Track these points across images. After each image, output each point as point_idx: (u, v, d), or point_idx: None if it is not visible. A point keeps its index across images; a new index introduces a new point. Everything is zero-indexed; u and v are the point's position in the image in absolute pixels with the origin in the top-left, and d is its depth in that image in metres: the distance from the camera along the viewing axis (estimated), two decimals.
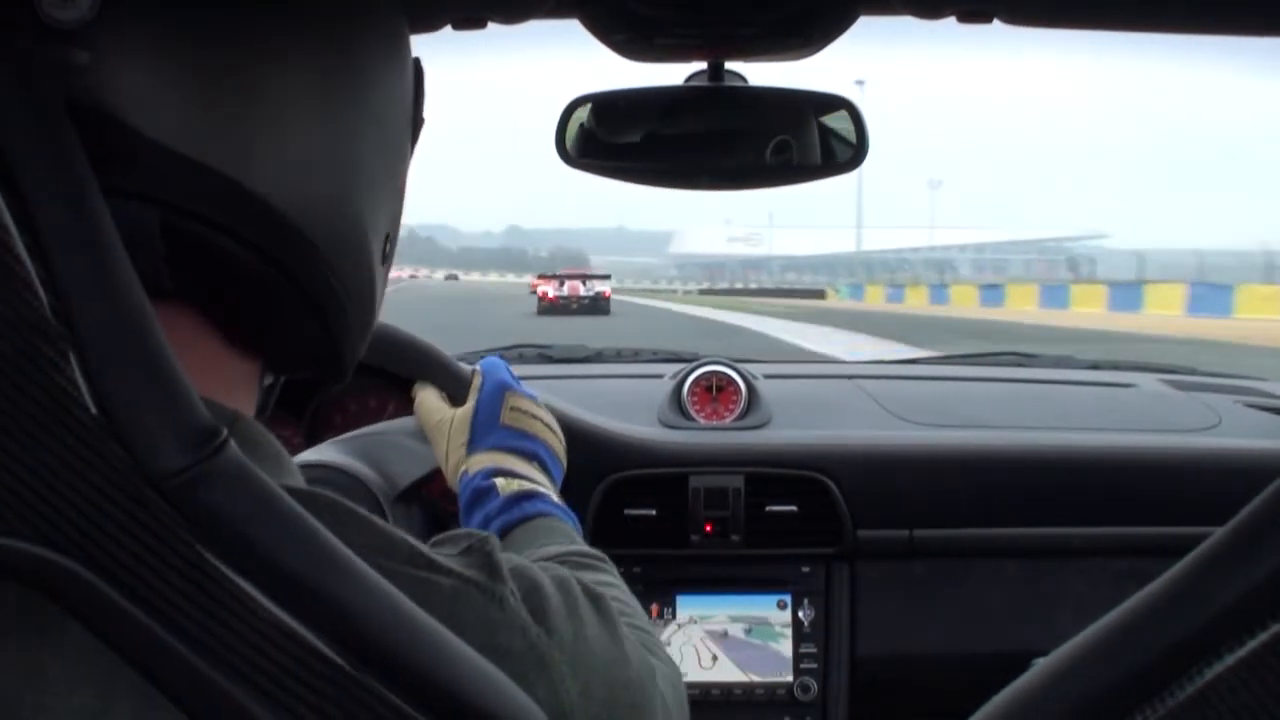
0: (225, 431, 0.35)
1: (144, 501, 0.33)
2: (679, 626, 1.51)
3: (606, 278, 29.13)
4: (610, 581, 0.67)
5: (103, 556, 0.33)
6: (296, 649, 0.34)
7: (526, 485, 0.80)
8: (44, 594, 0.33)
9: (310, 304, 0.46)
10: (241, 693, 0.33)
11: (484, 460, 0.85)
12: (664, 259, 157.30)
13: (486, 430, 0.88)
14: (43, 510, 0.32)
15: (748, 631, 1.51)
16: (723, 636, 1.50)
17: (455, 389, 1.12)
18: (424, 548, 0.44)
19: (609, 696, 0.49)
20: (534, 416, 0.90)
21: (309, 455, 1.01)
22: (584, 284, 26.72)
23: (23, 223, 0.32)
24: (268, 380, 0.53)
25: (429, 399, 0.97)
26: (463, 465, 0.86)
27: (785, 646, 1.50)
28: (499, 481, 0.80)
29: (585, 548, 0.72)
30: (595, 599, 0.53)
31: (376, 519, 0.43)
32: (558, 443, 0.91)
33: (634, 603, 0.67)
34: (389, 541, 0.42)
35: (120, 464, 0.33)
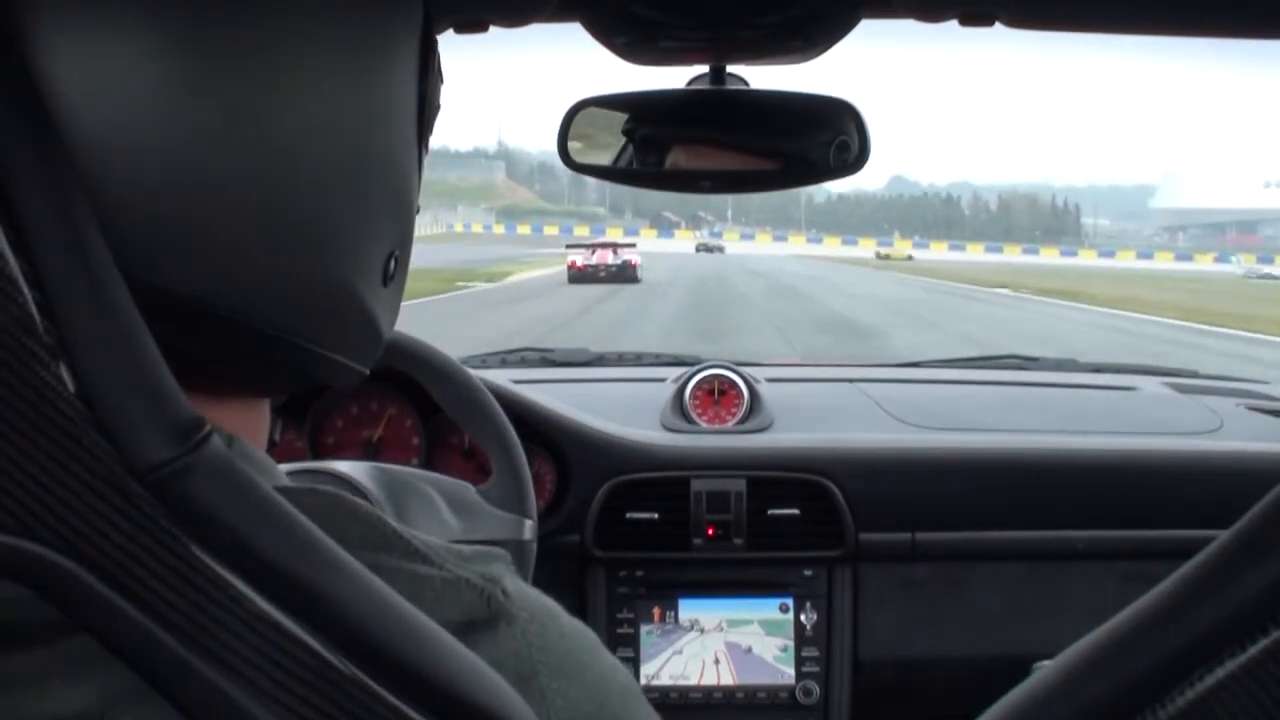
0: (208, 425, 0.35)
1: (129, 495, 0.33)
2: (681, 629, 1.51)
3: (632, 246, 29.37)
4: None
5: (90, 550, 0.33)
6: (286, 643, 0.34)
7: None
8: (28, 589, 0.33)
9: (295, 373, 0.44)
10: (232, 687, 0.33)
11: None
12: (1146, 219, 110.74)
13: None
14: (28, 504, 0.32)
15: (750, 634, 1.51)
16: (725, 640, 1.50)
17: (450, 391, 1.12)
18: (422, 542, 0.42)
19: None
20: None
21: (316, 464, 1.00)
22: (613, 253, 27.06)
23: (7, 220, 0.32)
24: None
25: None
26: None
27: (787, 650, 1.50)
28: None
29: None
30: (630, 683, 0.45)
31: (374, 510, 0.41)
32: None
33: None
34: (383, 536, 0.41)
35: (105, 457, 0.33)
